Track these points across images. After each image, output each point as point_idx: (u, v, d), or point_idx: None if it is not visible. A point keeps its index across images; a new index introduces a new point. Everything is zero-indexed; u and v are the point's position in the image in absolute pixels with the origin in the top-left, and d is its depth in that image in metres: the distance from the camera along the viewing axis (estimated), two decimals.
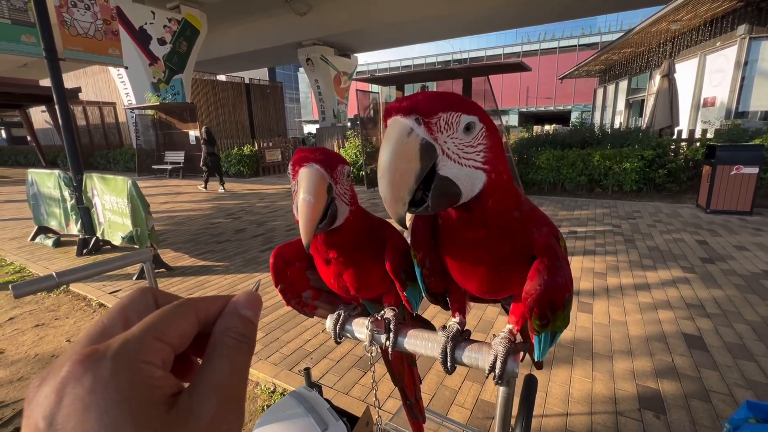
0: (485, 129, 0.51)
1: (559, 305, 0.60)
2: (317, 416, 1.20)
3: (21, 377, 2.42)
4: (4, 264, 4.59)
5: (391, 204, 0.48)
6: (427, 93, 0.49)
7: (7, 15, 4.31)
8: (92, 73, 19.51)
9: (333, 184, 0.65)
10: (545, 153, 8.20)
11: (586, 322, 2.79)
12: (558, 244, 0.62)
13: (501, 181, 0.53)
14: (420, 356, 0.70)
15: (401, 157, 0.46)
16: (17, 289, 0.92)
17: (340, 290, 0.78)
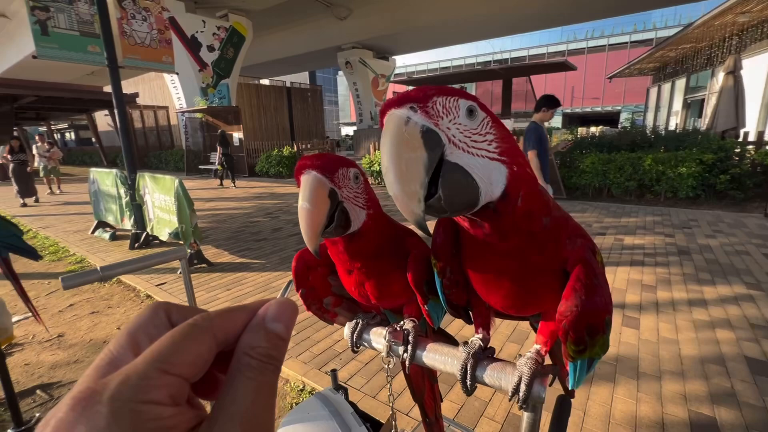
0: (490, 119, 0.47)
1: (598, 329, 0.54)
2: (340, 420, 1.19)
3: (77, 360, 2.63)
4: (67, 254, 5.02)
5: (404, 201, 0.43)
6: (417, 87, 0.46)
7: (76, 27, 4.75)
8: (149, 79, 21.00)
9: (336, 188, 0.63)
10: (590, 156, 7.78)
11: (632, 338, 2.60)
12: (595, 259, 0.56)
13: (526, 176, 0.48)
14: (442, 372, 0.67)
15: (404, 147, 0.42)
16: (66, 281, 0.98)
17: (360, 298, 0.76)
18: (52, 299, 3.62)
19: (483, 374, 0.60)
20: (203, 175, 14.32)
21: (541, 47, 38.13)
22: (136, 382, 0.17)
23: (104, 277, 1.02)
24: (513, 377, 0.56)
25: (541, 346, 0.62)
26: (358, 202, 0.66)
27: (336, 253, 0.70)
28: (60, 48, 4.74)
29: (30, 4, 4.58)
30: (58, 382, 2.38)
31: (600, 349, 0.57)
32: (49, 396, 2.25)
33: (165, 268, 4.17)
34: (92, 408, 0.16)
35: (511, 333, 2.73)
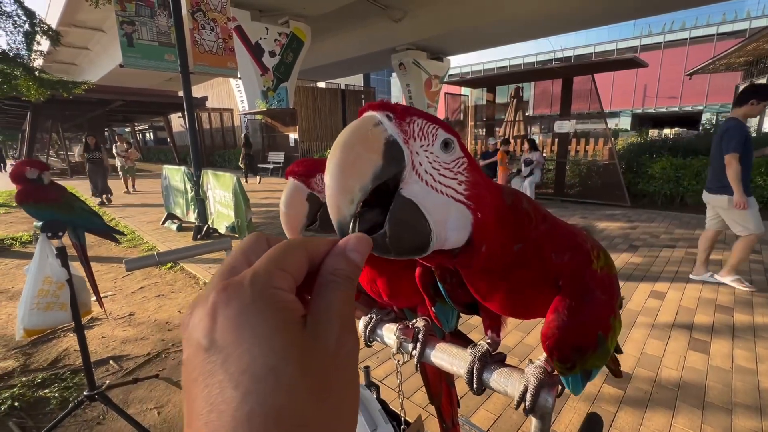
0: (466, 160, 0.43)
1: (587, 347, 0.51)
2: (368, 415, 1.21)
3: (143, 337, 2.92)
4: (141, 242, 5.60)
5: (335, 194, 0.37)
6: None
7: (156, 38, 5.30)
8: (217, 84, 22.72)
9: (316, 193, 0.69)
10: (661, 161, 7.10)
11: (699, 363, 2.33)
12: (589, 269, 0.51)
13: (491, 221, 0.44)
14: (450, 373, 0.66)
15: (362, 143, 0.38)
16: (129, 263, 1.09)
17: (373, 294, 0.77)
18: (127, 281, 4.05)
19: (489, 379, 0.58)
20: (261, 174, 15.19)
21: (610, 43, 35.38)
22: (264, 275, 0.22)
23: (160, 261, 1.12)
24: (519, 384, 0.54)
25: None
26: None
27: None
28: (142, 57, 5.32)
29: (119, 19, 5.19)
30: (127, 355, 2.67)
31: (597, 361, 0.53)
32: (119, 366, 2.53)
33: (220, 260, 4.49)
34: (239, 290, 0.21)
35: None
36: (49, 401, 2.18)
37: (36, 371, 2.48)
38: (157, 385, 2.34)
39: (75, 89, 7.63)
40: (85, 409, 2.09)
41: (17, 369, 2.51)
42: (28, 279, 1.73)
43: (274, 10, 14.35)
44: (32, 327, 1.76)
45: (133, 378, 2.32)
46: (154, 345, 2.79)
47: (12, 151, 35.00)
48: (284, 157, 14.56)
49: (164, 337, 2.91)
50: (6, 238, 5.73)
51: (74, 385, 2.33)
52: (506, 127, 10.22)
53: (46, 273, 1.68)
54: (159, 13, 5.32)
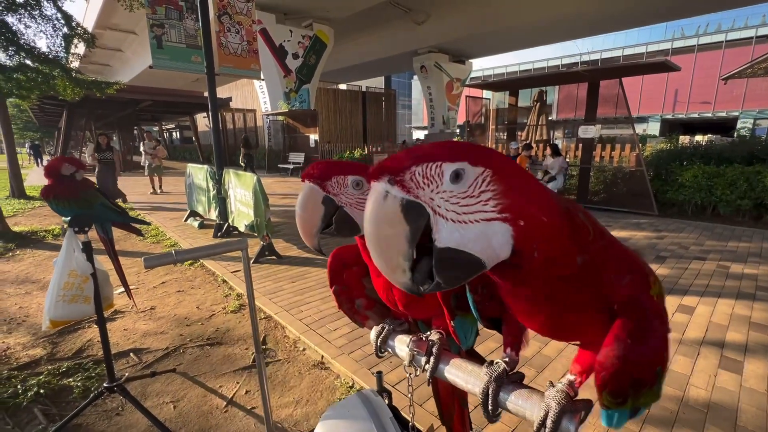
0: (489, 173, 0.42)
1: (645, 382, 0.46)
2: (378, 422, 1.18)
3: (163, 331, 2.99)
4: (164, 238, 5.76)
5: (390, 274, 0.43)
6: (405, 149, 0.44)
7: (183, 41, 5.46)
8: (241, 85, 23.25)
9: (332, 196, 0.68)
10: (692, 168, 6.80)
11: (731, 383, 2.20)
12: (648, 296, 0.48)
13: (539, 225, 0.42)
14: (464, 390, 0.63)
15: (383, 224, 0.41)
16: (148, 261, 1.11)
17: (388, 302, 0.75)
18: (149, 276, 4.17)
19: (506, 401, 0.54)
20: (281, 174, 15.42)
21: (639, 46, 34.22)
22: None
23: (177, 260, 1.14)
24: (539, 409, 0.50)
25: (576, 377, 0.55)
26: (360, 207, 0.69)
27: (366, 254, 0.70)
28: (170, 59, 5.50)
29: (150, 22, 5.39)
30: (146, 349, 2.73)
31: (648, 399, 0.49)
32: (138, 359, 2.59)
33: (239, 258, 4.55)
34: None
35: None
36: (72, 390, 2.25)
37: (61, 360, 2.57)
38: (174, 379, 2.38)
39: (108, 89, 7.93)
40: (105, 399, 2.15)
41: (44, 357, 2.61)
42: (55, 271, 1.79)
43: (298, 13, 14.58)
44: (57, 318, 1.82)
45: (151, 371, 2.37)
46: (173, 339, 2.86)
47: (48, 147, 36.85)
48: (304, 157, 14.73)
49: (183, 332, 2.97)
50: (40, 231, 6.01)
51: (96, 375, 2.40)
52: (528, 132, 10.03)
53: (72, 266, 1.74)
54: (187, 16, 5.48)
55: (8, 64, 6.79)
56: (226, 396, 2.22)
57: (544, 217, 0.43)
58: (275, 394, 2.24)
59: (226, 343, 2.81)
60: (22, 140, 33.25)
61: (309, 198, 0.69)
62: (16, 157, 9.44)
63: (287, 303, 3.34)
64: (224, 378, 2.40)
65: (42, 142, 38.42)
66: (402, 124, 47.47)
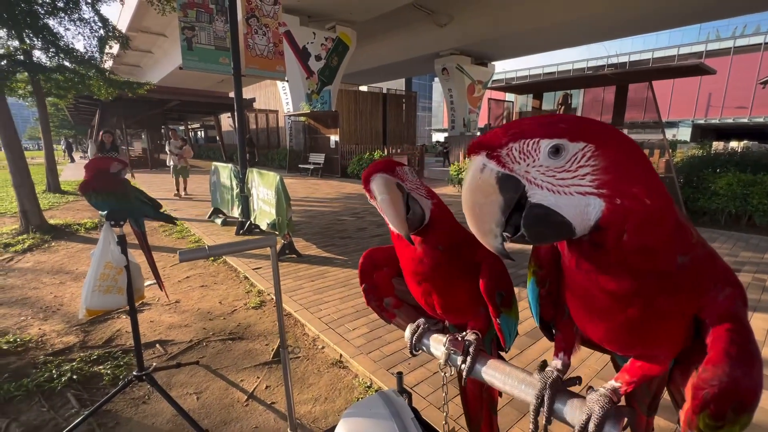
0: (591, 147, 0.42)
1: (747, 407, 0.43)
2: (400, 423, 1.18)
3: (187, 324, 3.08)
4: (189, 234, 5.93)
5: (481, 237, 0.47)
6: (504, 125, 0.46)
7: (212, 43, 5.63)
8: (265, 86, 23.72)
9: (401, 181, 0.71)
10: (726, 176, 6.52)
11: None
12: (745, 310, 0.46)
13: (639, 208, 0.41)
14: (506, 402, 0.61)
15: (477, 192, 0.46)
16: (182, 255, 1.15)
17: (427, 307, 0.76)
18: (174, 270, 4.30)
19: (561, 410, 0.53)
20: (302, 174, 15.63)
21: (671, 48, 33.06)
22: None
23: (210, 254, 1.17)
24: (581, 413, 0.49)
25: (621, 384, 0.53)
26: (420, 192, 0.74)
27: (408, 260, 0.71)
28: (200, 60, 5.67)
29: (182, 24, 5.57)
30: (171, 341, 2.82)
31: (739, 429, 0.46)
32: (164, 350, 2.68)
33: (259, 255, 4.65)
34: None
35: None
36: (102, 377, 2.35)
37: (92, 348, 2.68)
38: (197, 371, 2.45)
39: (139, 89, 8.23)
40: (133, 387, 2.23)
41: (77, 344, 2.73)
42: (92, 263, 1.88)
43: (321, 16, 14.78)
44: (93, 307, 1.91)
45: (176, 362, 2.45)
46: (196, 333, 2.93)
47: (83, 144, 38.53)
48: (324, 158, 14.88)
49: (206, 326, 3.04)
50: (73, 224, 6.29)
51: (124, 364, 2.49)
52: None
53: (108, 258, 1.82)
54: (217, 18, 5.65)
55: (48, 65, 7.16)
56: (246, 390, 2.27)
57: (648, 200, 0.42)
58: (294, 390, 2.27)
59: (248, 338, 2.87)
60: (58, 137, 34.94)
61: (389, 184, 0.70)
62: (53, 154, 9.92)
63: (307, 301, 3.38)
64: (245, 372, 2.45)
65: (76, 139, 40.25)
66: (422, 127, 47.35)
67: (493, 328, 0.73)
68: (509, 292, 0.70)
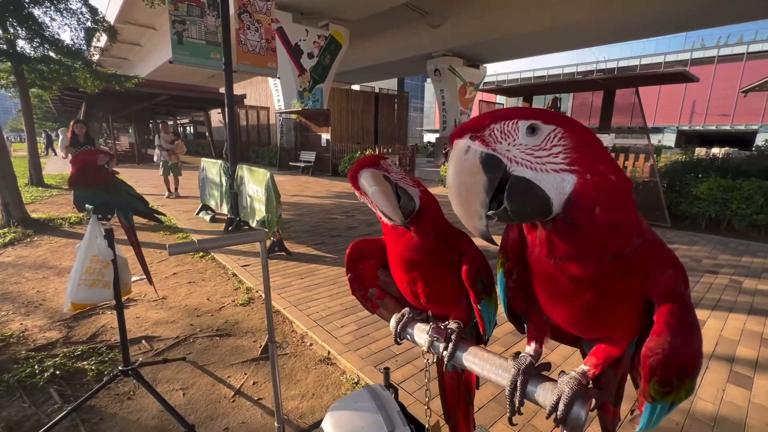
0: (560, 130, 0.47)
1: (689, 372, 0.49)
2: (386, 415, 1.21)
3: (173, 320, 3.05)
4: (177, 230, 5.86)
5: (466, 220, 0.49)
6: (485, 112, 0.49)
7: (203, 37, 5.57)
8: (256, 83, 23.49)
9: (387, 173, 0.73)
10: (708, 181, 6.71)
11: (740, 398, 2.18)
12: (687, 293, 0.51)
13: (606, 184, 0.46)
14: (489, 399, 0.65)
15: (463, 173, 0.48)
16: (171, 248, 1.16)
17: (411, 296, 0.79)
18: (161, 266, 4.25)
19: (534, 393, 0.57)
20: (292, 171, 15.54)
21: (657, 56, 33.77)
22: None
23: (200, 248, 1.18)
24: (552, 395, 0.53)
25: (589, 368, 0.57)
26: (407, 182, 0.76)
27: (397, 249, 0.74)
28: (190, 55, 5.61)
29: (172, 18, 5.50)
30: (158, 337, 2.80)
31: (684, 394, 0.51)
32: (150, 346, 2.66)
33: (248, 252, 4.63)
34: None
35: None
36: (86, 373, 2.32)
37: (76, 344, 2.65)
38: (184, 367, 2.44)
39: (126, 83, 8.10)
40: (118, 383, 2.21)
41: (60, 340, 2.68)
42: (78, 256, 1.86)
43: (315, 13, 14.70)
44: (78, 301, 1.89)
45: (163, 358, 2.43)
46: (183, 329, 2.91)
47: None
48: (315, 156, 14.82)
49: (193, 322, 3.03)
50: (57, 218, 6.16)
51: (109, 360, 2.46)
52: None
53: (95, 252, 1.80)
54: (208, 13, 5.59)
55: (33, 55, 6.99)
56: (234, 386, 2.27)
57: (613, 176, 0.47)
58: (282, 386, 2.28)
59: (235, 334, 2.86)
60: (40, 130, 34.09)
61: (376, 176, 0.72)
62: (37, 146, 9.68)
63: (295, 298, 3.38)
64: (232, 369, 2.44)
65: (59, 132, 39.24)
66: (413, 127, 47.44)
67: (474, 319, 0.76)
68: (490, 281, 0.74)
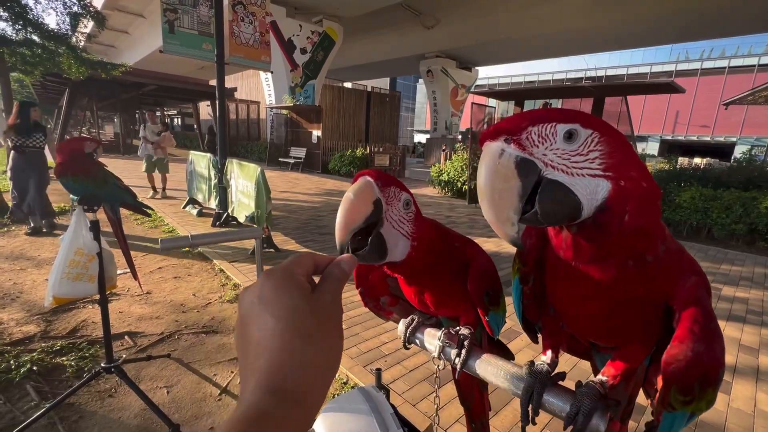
0: (597, 134, 0.46)
1: (712, 381, 0.47)
2: (380, 418, 1.19)
3: (158, 316, 2.98)
4: (162, 224, 5.73)
5: (498, 226, 0.47)
6: (519, 113, 0.47)
7: (196, 27, 5.46)
8: (247, 76, 23.18)
9: (383, 199, 0.60)
10: (690, 190, 6.90)
11: (720, 403, 2.24)
12: (710, 301, 0.50)
13: (639, 191, 0.45)
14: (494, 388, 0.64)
15: (496, 178, 0.46)
16: (163, 243, 1.12)
17: (419, 305, 0.77)
18: (146, 260, 4.15)
19: (548, 402, 0.55)
20: (281, 167, 15.39)
21: (644, 66, 34.61)
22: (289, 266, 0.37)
23: (193, 244, 1.15)
24: (570, 405, 0.52)
25: (608, 378, 0.56)
26: (401, 228, 0.63)
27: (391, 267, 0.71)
28: (181, 45, 5.49)
29: (164, 6, 5.37)
30: (141, 333, 2.72)
31: (706, 405, 0.50)
32: (133, 342, 2.58)
33: (237, 248, 4.56)
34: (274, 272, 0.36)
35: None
36: (65, 369, 2.24)
37: (55, 338, 2.56)
38: (168, 364, 2.38)
39: (113, 71, 7.87)
40: (99, 380, 2.14)
41: (38, 334, 2.59)
42: (61, 248, 1.79)
43: (309, 9, 14.57)
44: (61, 295, 1.82)
45: (147, 355, 2.37)
46: (168, 325, 2.85)
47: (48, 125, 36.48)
48: (305, 153, 14.71)
49: (178, 318, 2.96)
50: None
51: (90, 356, 2.39)
52: None
53: (79, 244, 1.74)
54: (201, 3, 5.48)
55: (14, 38, 6.72)
56: (220, 384, 2.22)
57: (644, 183, 0.46)
58: None
59: (222, 332, 2.81)
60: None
61: (366, 190, 0.59)
62: None
63: None
64: (219, 366, 2.40)
65: (42, 119, 38.02)
66: (404, 127, 47.51)
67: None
68: (496, 291, 0.71)
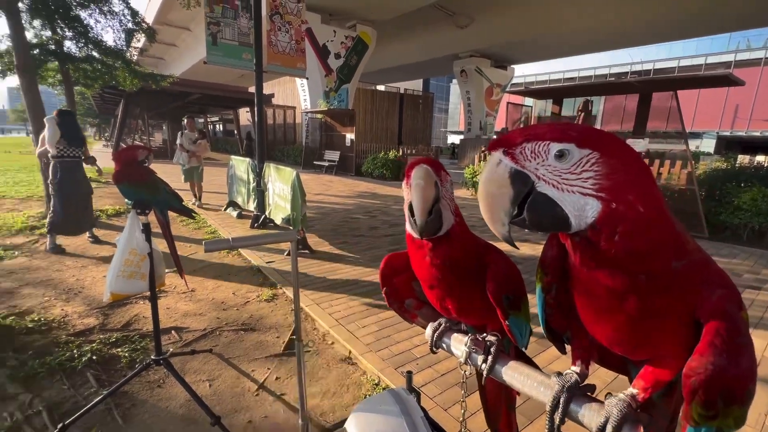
0: (596, 155, 0.47)
1: (736, 397, 0.45)
2: (410, 420, 1.20)
3: (201, 313, 3.15)
4: (205, 225, 6.05)
5: (491, 223, 0.53)
6: (522, 127, 0.49)
7: (236, 38, 5.74)
8: (284, 82, 23.98)
9: (439, 183, 0.70)
10: (751, 191, 6.34)
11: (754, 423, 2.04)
12: (739, 315, 0.47)
13: (633, 214, 0.46)
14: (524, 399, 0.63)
15: (492, 184, 0.51)
16: (207, 245, 1.19)
17: (442, 311, 0.78)
18: (190, 260, 4.40)
19: (576, 413, 0.55)
20: (316, 170, 15.76)
21: (698, 57, 32.11)
22: None
23: (233, 246, 1.21)
24: (598, 416, 0.51)
25: (638, 391, 0.55)
26: (449, 206, 0.73)
27: (419, 266, 0.73)
28: (224, 55, 5.81)
29: (207, 20, 5.70)
30: (186, 328, 2.90)
31: (734, 422, 0.47)
32: (179, 337, 2.75)
33: (273, 249, 4.72)
34: None
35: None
36: (120, 359, 2.43)
37: (111, 331, 2.78)
38: (210, 359, 2.51)
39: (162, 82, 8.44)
40: (149, 371, 2.30)
41: (96, 327, 2.82)
42: (117, 249, 1.95)
43: (343, 14, 14.86)
44: (117, 292, 1.98)
45: (191, 349, 2.52)
46: (210, 322, 3.01)
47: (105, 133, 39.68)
48: (339, 156, 14.97)
49: (219, 315, 3.12)
50: (95, 210, 6.48)
51: (141, 348, 2.57)
52: None
53: (133, 245, 1.89)
54: (242, 15, 5.76)
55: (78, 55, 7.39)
56: (257, 380, 2.32)
57: (641, 207, 0.46)
58: None
59: (259, 329, 2.93)
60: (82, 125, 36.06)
61: (428, 175, 0.69)
62: None
63: (318, 297, 3.43)
64: (256, 363, 2.50)
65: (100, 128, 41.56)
66: (437, 128, 47.16)
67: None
68: (517, 295, 0.71)
